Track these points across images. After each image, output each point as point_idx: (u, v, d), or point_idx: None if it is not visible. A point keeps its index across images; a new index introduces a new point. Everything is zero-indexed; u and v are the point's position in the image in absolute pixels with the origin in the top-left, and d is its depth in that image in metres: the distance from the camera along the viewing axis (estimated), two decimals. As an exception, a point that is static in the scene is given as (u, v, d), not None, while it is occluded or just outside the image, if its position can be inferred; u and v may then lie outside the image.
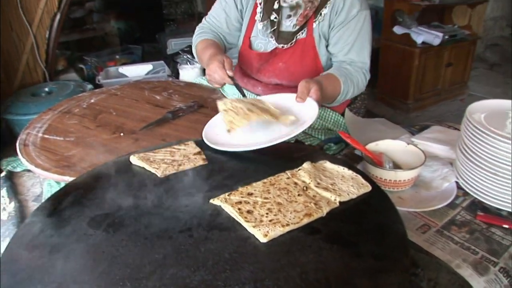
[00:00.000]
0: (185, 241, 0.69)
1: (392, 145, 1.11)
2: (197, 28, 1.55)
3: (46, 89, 2.07)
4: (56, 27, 2.34)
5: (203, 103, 1.49)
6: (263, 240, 0.68)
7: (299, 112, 1.04)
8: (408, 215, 0.97)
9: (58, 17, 2.32)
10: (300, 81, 1.30)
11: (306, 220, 0.72)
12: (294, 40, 1.37)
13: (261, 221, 0.71)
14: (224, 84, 1.29)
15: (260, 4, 1.39)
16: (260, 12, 1.39)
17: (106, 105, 1.53)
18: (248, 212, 0.73)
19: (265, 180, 0.84)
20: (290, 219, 0.72)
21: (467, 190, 1.03)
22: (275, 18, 1.36)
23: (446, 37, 3.40)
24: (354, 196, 0.79)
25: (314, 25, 1.35)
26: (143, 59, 2.86)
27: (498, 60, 4.91)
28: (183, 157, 0.96)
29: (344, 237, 0.69)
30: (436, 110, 3.59)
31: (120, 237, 0.70)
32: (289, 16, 1.36)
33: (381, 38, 3.62)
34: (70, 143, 1.25)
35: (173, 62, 2.27)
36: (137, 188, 0.86)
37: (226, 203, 0.76)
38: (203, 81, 1.71)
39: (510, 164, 0.92)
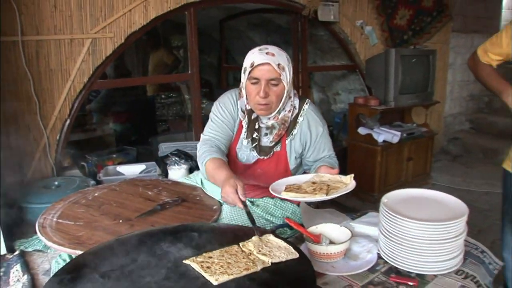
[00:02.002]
0: (165, 283, 1.06)
1: (329, 228, 1.46)
2: (200, 145, 1.76)
3: (56, 183, 2.41)
4: (66, 130, 2.75)
5: (186, 198, 1.81)
6: (215, 283, 1.05)
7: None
8: (337, 278, 1.29)
9: (68, 122, 2.74)
10: (271, 183, 1.67)
11: (245, 272, 1.09)
12: (272, 153, 1.77)
13: (215, 272, 1.09)
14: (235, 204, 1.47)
15: (245, 124, 1.77)
16: (245, 132, 1.77)
17: (107, 198, 1.84)
18: (207, 267, 1.12)
19: (221, 249, 1.22)
20: (233, 271, 1.10)
21: (385, 259, 1.37)
22: (256, 136, 1.75)
23: (405, 135, 3.90)
24: (283, 259, 1.16)
25: (287, 141, 1.78)
26: (137, 160, 3.23)
27: (461, 152, 5.42)
28: None
29: (270, 283, 1.06)
30: (401, 200, 3.97)
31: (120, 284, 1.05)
32: (266, 134, 1.76)
33: (348, 138, 4.12)
34: (80, 227, 1.55)
35: (163, 163, 2.65)
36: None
37: (194, 262, 1.14)
38: (185, 180, 2.08)
39: (415, 239, 1.26)
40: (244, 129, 1.77)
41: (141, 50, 5.50)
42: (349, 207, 3.84)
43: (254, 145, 1.75)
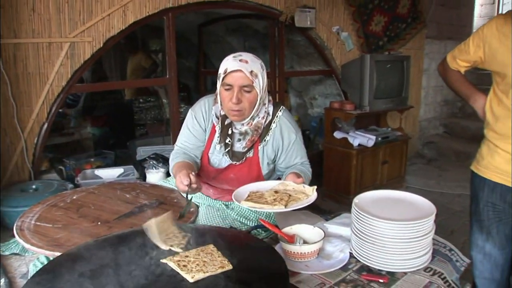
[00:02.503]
0: (143, 281, 1.09)
1: (303, 228, 1.50)
2: (171, 154, 1.87)
3: (33, 186, 2.40)
4: (44, 134, 2.74)
5: (164, 201, 1.83)
6: (191, 280, 1.10)
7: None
8: (310, 277, 1.34)
9: (45, 126, 2.73)
10: None
11: (220, 270, 1.15)
12: (244, 159, 1.80)
13: (191, 270, 1.13)
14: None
15: (218, 129, 1.80)
16: (218, 137, 1.80)
17: (86, 201, 1.85)
18: (184, 265, 1.16)
19: (197, 248, 1.26)
20: (209, 269, 1.15)
21: (357, 257, 1.42)
22: (229, 141, 1.78)
23: (379, 139, 3.99)
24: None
25: (260, 147, 1.80)
26: (115, 163, 3.23)
27: (435, 156, 5.56)
28: None
29: (245, 280, 1.11)
30: (376, 202, 4.07)
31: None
32: (239, 139, 1.79)
33: (324, 142, 4.19)
34: (58, 229, 1.55)
35: (141, 167, 2.67)
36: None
37: (171, 261, 1.18)
38: (164, 183, 2.11)
39: (385, 238, 1.31)
40: (217, 134, 1.81)
41: (119, 53, 5.48)
42: (325, 209, 3.92)
43: (226, 150, 1.79)
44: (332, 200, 4.08)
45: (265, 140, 1.80)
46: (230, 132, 1.78)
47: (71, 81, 2.76)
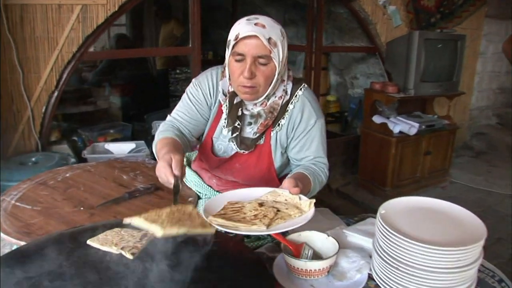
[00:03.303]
0: None
1: (315, 236, 1.22)
2: (160, 126, 1.53)
3: (33, 159, 2.23)
4: (53, 102, 2.56)
5: (160, 186, 1.59)
6: (160, 233, 0.91)
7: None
8: (316, 301, 1.06)
9: (55, 94, 2.55)
10: (254, 180, 1.43)
11: (200, 230, 0.98)
12: (254, 147, 1.48)
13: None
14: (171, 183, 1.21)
15: (225, 109, 1.49)
16: (225, 119, 1.48)
17: (77, 180, 1.69)
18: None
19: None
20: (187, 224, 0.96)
21: (378, 282, 1.12)
22: (238, 124, 1.46)
23: (423, 126, 3.59)
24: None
25: (272, 133, 1.48)
26: (132, 137, 3.05)
27: (485, 148, 5.07)
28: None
29: None
30: (415, 197, 3.70)
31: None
32: (250, 123, 1.48)
33: (362, 126, 3.84)
34: (36, 212, 1.40)
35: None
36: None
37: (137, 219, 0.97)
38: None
39: (416, 264, 1.01)
40: (224, 116, 1.50)
41: (152, 20, 5.27)
42: (358, 200, 3.60)
43: (234, 135, 1.48)
44: (367, 190, 3.75)
45: (279, 124, 1.48)
46: (240, 113, 1.47)
47: (83, 47, 2.54)
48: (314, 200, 1.21)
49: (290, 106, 1.47)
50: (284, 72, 1.45)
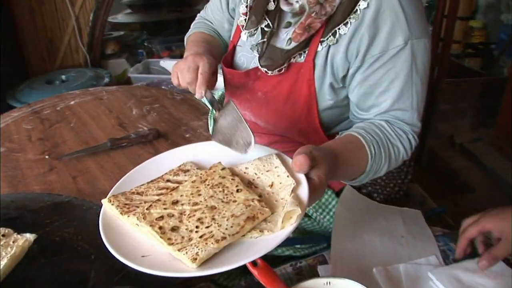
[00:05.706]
0: None
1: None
2: (192, 24, 1.15)
3: (63, 77, 1.94)
4: (105, 8, 2.19)
5: (167, 132, 1.19)
6: (193, 265, 0.48)
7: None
8: None
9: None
10: (279, 129, 0.90)
11: (248, 227, 0.52)
12: (285, 65, 0.85)
13: (190, 239, 0.52)
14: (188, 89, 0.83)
15: (247, 5, 0.91)
16: (247, 16, 0.90)
17: (77, 111, 1.39)
18: (173, 229, 0.53)
19: (194, 178, 0.62)
20: (227, 228, 0.52)
21: None
22: (267, 26, 0.87)
23: None
24: None
25: (320, 47, 0.82)
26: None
27: None
28: None
29: None
30: None
31: None
32: (289, 24, 0.85)
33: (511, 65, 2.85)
34: None
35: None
36: None
37: (144, 221, 0.54)
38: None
39: None
40: (243, 8, 0.92)
41: None
42: (486, 165, 2.72)
43: (260, 40, 0.88)
44: (502, 154, 2.78)
45: (336, 33, 0.80)
46: (272, 7, 0.87)
47: None
48: (299, 212, 0.53)
49: (362, 4, 0.77)
50: None
